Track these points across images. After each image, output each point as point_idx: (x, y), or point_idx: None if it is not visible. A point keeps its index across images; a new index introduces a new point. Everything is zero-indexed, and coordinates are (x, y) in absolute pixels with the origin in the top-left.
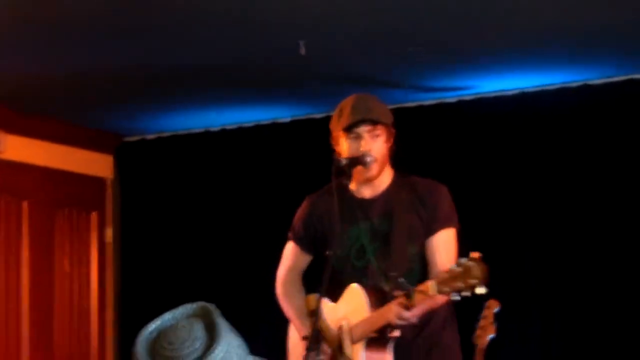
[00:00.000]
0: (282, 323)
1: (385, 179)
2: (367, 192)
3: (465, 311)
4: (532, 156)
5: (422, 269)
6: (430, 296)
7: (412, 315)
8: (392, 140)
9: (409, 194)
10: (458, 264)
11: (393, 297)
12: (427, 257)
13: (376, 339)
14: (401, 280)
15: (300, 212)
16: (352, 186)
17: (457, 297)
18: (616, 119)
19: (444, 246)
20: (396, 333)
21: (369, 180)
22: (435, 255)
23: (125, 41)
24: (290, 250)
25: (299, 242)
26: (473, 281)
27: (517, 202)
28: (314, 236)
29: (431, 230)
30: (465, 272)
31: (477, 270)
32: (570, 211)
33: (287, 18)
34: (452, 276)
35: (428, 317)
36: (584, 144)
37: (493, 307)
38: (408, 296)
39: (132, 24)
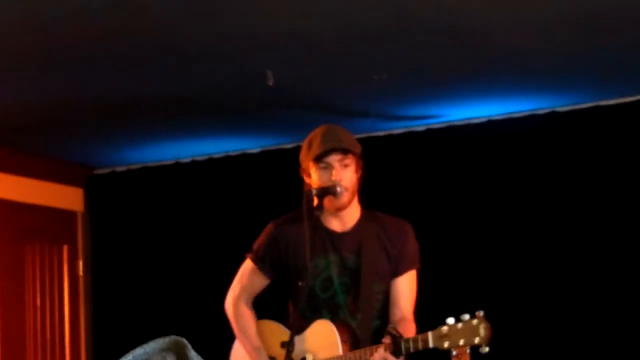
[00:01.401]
0: None
1: (355, 212)
2: (337, 225)
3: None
4: (501, 183)
5: (382, 307)
6: (423, 347)
7: None
8: (360, 171)
9: (378, 230)
10: (458, 320)
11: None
12: (390, 296)
13: None
14: (392, 329)
15: (264, 235)
16: (322, 217)
17: (453, 352)
18: (583, 146)
19: (408, 288)
20: None
21: (339, 210)
22: (399, 297)
23: (95, 72)
24: (248, 270)
25: (260, 264)
26: (475, 340)
27: (486, 230)
28: (276, 261)
29: (398, 272)
30: (469, 330)
31: (481, 329)
32: (539, 238)
33: (254, 48)
34: (452, 331)
35: None
36: (552, 171)
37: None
38: (397, 344)
39: (101, 55)
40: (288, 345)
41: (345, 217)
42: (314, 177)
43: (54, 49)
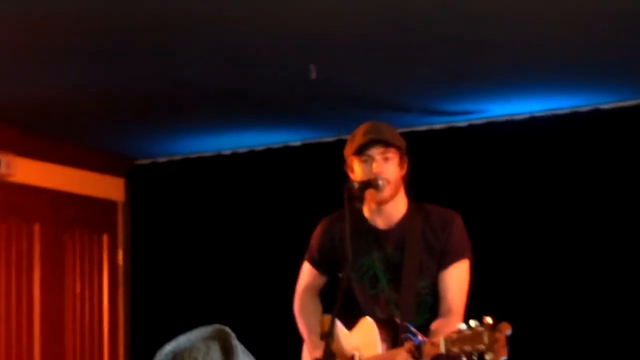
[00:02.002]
0: (296, 346)
1: (400, 207)
2: (381, 222)
3: None
4: (542, 180)
5: (433, 301)
6: (437, 352)
7: None
8: (405, 166)
9: (422, 225)
10: (469, 327)
11: (405, 337)
12: (438, 291)
13: None
14: (413, 328)
15: (315, 235)
16: (367, 214)
17: (464, 359)
18: (627, 144)
19: (455, 281)
20: None
21: (381, 204)
22: (446, 291)
23: (138, 64)
24: (306, 270)
25: (314, 264)
26: (481, 347)
27: (527, 225)
28: (329, 259)
29: (443, 264)
30: (475, 337)
31: (486, 337)
32: (581, 235)
33: (299, 42)
34: (460, 337)
35: None
36: (595, 168)
37: (504, 330)
38: (418, 348)
39: (146, 45)
40: (327, 337)
41: (390, 213)
42: (356, 171)
43: (99, 39)
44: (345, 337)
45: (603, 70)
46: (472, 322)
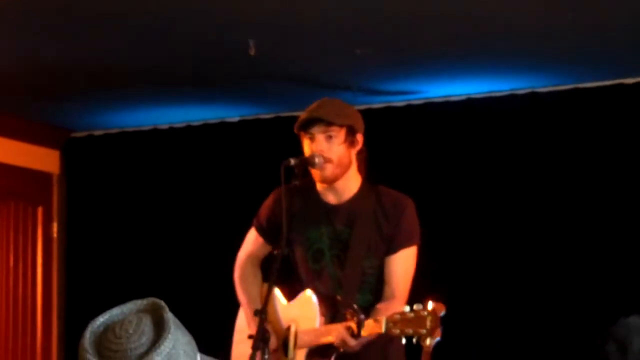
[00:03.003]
0: (231, 320)
1: (351, 185)
2: (332, 198)
3: None
4: (478, 161)
5: (376, 282)
6: (378, 331)
7: (356, 343)
8: (357, 145)
9: (374, 205)
10: (412, 310)
11: (343, 316)
12: (384, 274)
13: (319, 351)
14: (355, 307)
15: (265, 205)
16: (319, 188)
17: (403, 340)
18: (562, 127)
19: (402, 266)
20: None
21: (323, 182)
22: (392, 276)
23: (75, 35)
24: (252, 237)
25: (261, 231)
26: (422, 331)
27: (463, 206)
28: (275, 230)
29: (392, 248)
30: (418, 320)
31: (428, 321)
32: (518, 215)
33: (237, 16)
34: (403, 319)
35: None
36: (530, 152)
37: (439, 310)
38: (358, 325)
39: (82, 17)
40: (260, 314)
41: (341, 190)
42: (304, 148)
43: (34, 10)
44: (283, 308)
45: (540, 53)
46: (416, 306)
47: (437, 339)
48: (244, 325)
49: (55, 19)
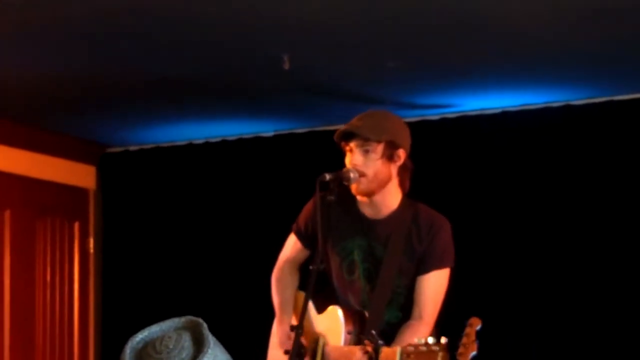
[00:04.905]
0: (267, 338)
1: (390, 202)
2: (370, 212)
3: (447, 328)
4: (514, 174)
5: (405, 301)
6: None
7: None
8: (397, 160)
9: (409, 224)
10: (426, 343)
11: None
12: (414, 294)
13: None
14: (374, 333)
15: (305, 210)
16: (359, 200)
17: None
18: (597, 140)
19: (432, 288)
20: None
21: (359, 195)
22: (421, 296)
23: (111, 51)
24: (291, 241)
25: (299, 236)
26: None
27: (498, 220)
28: (314, 236)
29: (424, 269)
30: (429, 355)
31: (440, 357)
32: (553, 229)
33: (272, 31)
34: (417, 352)
35: None
36: (565, 164)
37: (475, 325)
38: (375, 351)
39: (119, 32)
40: (297, 329)
41: (379, 204)
42: (346, 160)
43: (72, 24)
44: (314, 319)
45: (574, 66)
46: (431, 339)
47: (474, 353)
48: (277, 341)
49: (92, 33)
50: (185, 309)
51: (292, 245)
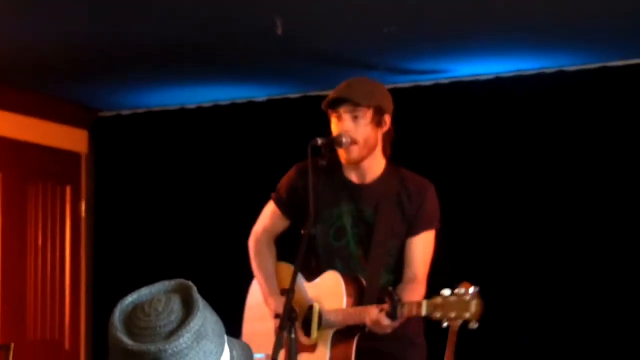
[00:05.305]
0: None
1: (376, 166)
2: (356, 177)
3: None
4: (507, 140)
5: (396, 263)
6: (418, 315)
7: (391, 325)
8: (384, 127)
9: (398, 188)
10: (453, 293)
11: (374, 298)
12: (404, 256)
13: (345, 331)
14: (392, 290)
15: (287, 178)
16: (344, 167)
17: (445, 324)
18: (590, 106)
19: (422, 249)
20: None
21: (349, 163)
22: (413, 258)
23: (103, 15)
24: (270, 210)
25: (281, 205)
26: (466, 315)
27: (491, 185)
28: (295, 204)
29: (413, 231)
30: (460, 304)
31: (473, 305)
32: (546, 196)
33: None
34: (446, 303)
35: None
36: (559, 130)
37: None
38: (394, 308)
39: None
40: (288, 293)
41: (365, 171)
42: (332, 127)
43: None
44: (304, 287)
45: (568, 33)
46: (457, 290)
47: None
48: (255, 302)
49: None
50: (176, 272)
51: (270, 215)
